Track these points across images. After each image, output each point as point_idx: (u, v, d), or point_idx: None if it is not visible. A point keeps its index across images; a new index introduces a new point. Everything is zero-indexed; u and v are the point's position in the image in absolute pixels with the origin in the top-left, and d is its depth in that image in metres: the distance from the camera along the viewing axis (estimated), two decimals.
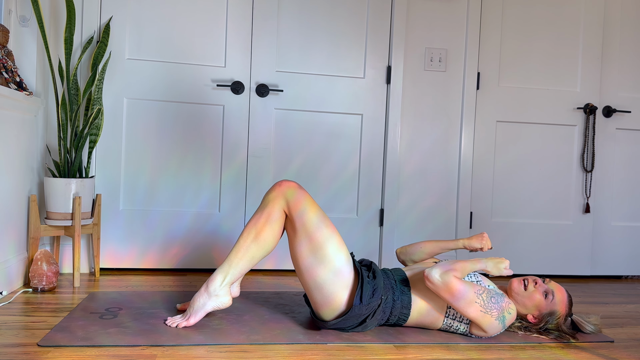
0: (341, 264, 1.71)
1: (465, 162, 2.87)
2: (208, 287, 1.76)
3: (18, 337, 1.62)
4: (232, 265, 1.76)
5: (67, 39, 2.35)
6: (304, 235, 1.71)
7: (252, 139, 2.71)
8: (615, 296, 2.58)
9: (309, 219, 1.72)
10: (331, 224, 1.74)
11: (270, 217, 1.75)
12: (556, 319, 1.79)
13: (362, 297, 1.70)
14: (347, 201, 2.81)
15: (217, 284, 1.76)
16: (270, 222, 1.75)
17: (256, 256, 1.76)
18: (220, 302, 1.77)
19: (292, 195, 1.75)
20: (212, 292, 1.76)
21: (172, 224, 2.64)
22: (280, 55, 2.72)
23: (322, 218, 1.73)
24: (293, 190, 1.75)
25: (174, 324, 1.77)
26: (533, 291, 1.80)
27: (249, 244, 1.75)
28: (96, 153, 2.57)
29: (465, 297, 1.68)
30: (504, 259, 1.86)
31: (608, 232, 3.04)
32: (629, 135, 3.06)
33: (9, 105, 2.07)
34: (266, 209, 1.76)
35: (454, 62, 2.86)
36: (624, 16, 3.03)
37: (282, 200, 1.75)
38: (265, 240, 1.76)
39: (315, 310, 1.78)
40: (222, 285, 1.76)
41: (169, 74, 2.62)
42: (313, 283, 1.72)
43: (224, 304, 1.77)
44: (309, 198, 1.75)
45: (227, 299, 1.78)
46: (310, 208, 1.73)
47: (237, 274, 1.77)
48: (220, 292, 1.76)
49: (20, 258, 2.23)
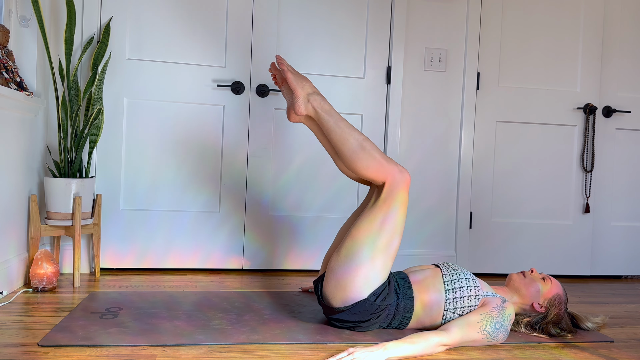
0: (386, 258, 1.73)
1: (465, 162, 2.87)
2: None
3: (18, 337, 1.62)
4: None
5: (68, 39, 2.35)
6: (386, 212, 1.73)
7: (252, 139, 2.71)
8: (615, 296, 2.58)
9: (399, 207, 1.74)
10: (402, 232, 1.79)
11: (380, 163, 1.77)
12: (558, 304, 1.80)
13: (378, 297, 1.71)
14: (347, 201, 2.81)
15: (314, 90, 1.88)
16: (374, 163, 1.77)
17: (344, 147, 1.81)
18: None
19: (405, 179, 1.75)
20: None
21: (172, 224, 2.64)
22: (281, 55, 2.72)
23: (404, 218, 1.76)
24: (408, 180, 1.77)
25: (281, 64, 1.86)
26: (532, 277, 1.86)
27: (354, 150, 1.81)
28: (96, 153, 2.57)
29: (470, 341, 1.69)
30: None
31: (608, 232, 3.04)
32: (629, 135, 3.06)
33: (9, 105, 2.07)
34: (388, 162, 1.77)
35: (454, 62, 2.86)
36: (624, 16, 3.03)
37: (398, 173, 1.75)
38: (359, 158, 1.79)
39: (328, 294, 1.76)
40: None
41: (169, 74, 2.62)
42: (352, 255, 1.72)
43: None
44: (407, 200, 1.78)
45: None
46: (405, 202, 1.76)
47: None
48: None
49: (21, 258, 2.23)
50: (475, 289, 1.78)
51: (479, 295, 1.77)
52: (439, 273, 1.84)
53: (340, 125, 1.80)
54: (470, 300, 1.76)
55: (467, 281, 1.80)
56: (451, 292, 1.78)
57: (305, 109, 1.84)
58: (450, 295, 1.77)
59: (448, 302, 1.77)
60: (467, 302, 1.76)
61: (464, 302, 1.76)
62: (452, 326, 1.67)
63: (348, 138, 1.78)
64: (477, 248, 2.91)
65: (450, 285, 1.79)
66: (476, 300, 1.76)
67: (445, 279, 1.81)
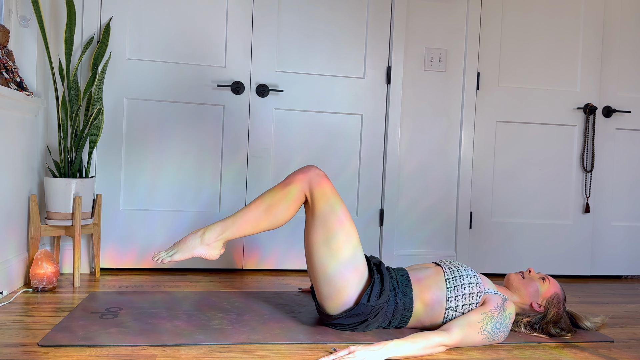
0: (353, 259, 1.71)
1: (465, 162, 2.87)
2: (204, 234, 1.74)
3: (18, 337, 1.62)
4: (236, 224, 1.74)
5: (68, 39, 2.35)
6: (322, 223, 1.70)
7: (252, 139, 2.71)
8: (615, 296, 2.58)
9: (331, 208, 1.71)
10: (351, 220, 1.73)
11: (288, 194, 1.73)
12: (557, 303, 1.80)
13: (370, 297, 1.71)
14: (347, 201, 2.81)
15: (213, 235, 1.74)
16: (287, 199, 1.73)
17: (261, 226, 1.75)
18: (210, 253, 1.75)
19: (318, 182, 1.74)
20: (206, 241, 1.74)
21: (172, 224, 2.64)
22: (281, 56, 2.72)
23: (343, 211, 1.73)
24: (321, 177, 1.74)
25: (159, 258, 1.74)
26: (531, 277, 1.86)
27: (260, 212, 1.74)
28: (96, 153, 2.57)
29: (470, 342, 1.68)
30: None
31: (608, 232, 3.04)
32: (629, 135, 3.06)
33: (9, 105, 2.07)
34: (288, 187, 1.74)
35: (454, 62, 2.86)
36: (624, 16, 3.03)
37: (306, 183, 1.74)
38: (276, 214, 1.74)
39: (321, 303, 1.78)
40: (218, 238, 1.75)
41: (169, 74, 2.62)
42: (323, 274, 1.71)
43: (213, 255, 1.76)
44: (334, 190, 1.75)
45: (217, 252, 1.76)
46: (334, 198, 1.73)
47: (236, 235, 1.75)
48: (214, 244, 1.75)
49: (21, 258, 2.23)
50: (477, 286, 1.77)
51: (480, 292, 1.77)
52: (441, 271, 1.84)
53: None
54: (472, 298, 1.76)
55: (468, 278, 1.80)
56: (453, 290, 1.77)
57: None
58: (452, 293, 1.77)
59: (450, 300, 1.77)
60: (468, 300, 1.76)
61: (465, 299, 1.76)
62: (453, 326, 1.67)
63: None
64: (477, 248, 2.91)
65: (452, 282, 1.79)
66: (478, 297, 1.76)
67: (447, 276, 1.81)
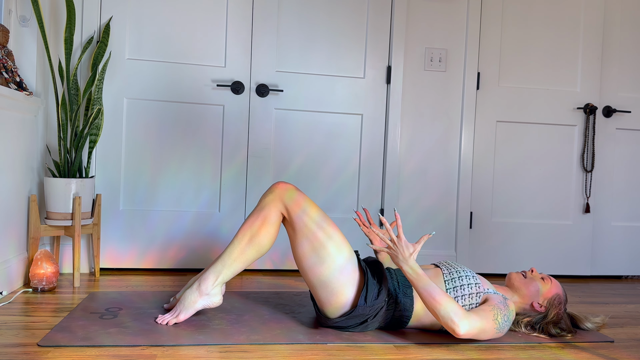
0: (344, 262, 1.72)
1: (465, 162, 2.87)
2: (200, 286, 1.77)
3: (18, 337, 1.62)
4: (226, 265, 1.77)
5: (67, 39, 2.35)
6: (305, 235, 1.72)
7: (252, 139, 2.71)
8: (615, 296, 2.58)
9: (310, 218, 1.73)
10: (332, 223, 1.75)
11: (266, 219, 1.76)
12: (558, 304, 1.80)
13: (367, 298, 1.71)
14: (347, 201, 2.81)
15: (209, 284, 1.77)
16: (267, 224, 1.76)
17: (250, 258, 1.78)
18: (211, 301, 1.79)
19: (290, 197, 1.76)
20: (204, 291, 1.77)
21: (172, 224, 2.64)
22: (281, 55, 2.72)
23: (322, 217, 1.74)
24: (291, 192, 1.76)
25: (163, 321, 1.78)
26: (532, 277, 1.86)
27: (244, 246, 1.77)
28: (96, 153, 2.57)
29: (486, 333, 1.68)
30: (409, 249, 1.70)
31: (608, 232, 3.04)
32: (629, 135, 3.06)
33: (9, 105, 2.07)
34: (263, 211, 1.77)
35: (454, 62, 2.86)
36: (624, 16, 3.03)
37: (279, 202, 1.76)
38: (260, 243, 1.77)
39: (320, 307, 1.79)
40: (214, 284, 1.77)
41: (169, 74, 2.62)
42: (317, 281, 1.72)
43: (215, 303, 1.79)
44: (307, 198, 1.77)
45: (218, 298, 1.79)
46: (309, 208, 1.74)
47: (230, 275, 1.78)
48: (212, 292, 1.78)
49: (21, 258, 2.23)
50: (477, 286, 1.77)
51: (480, 292, 1.77)
52: (440, 273, 1.84)
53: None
54: (472, 298, 1.76)
55: (467, 279, 1.80)
56: (452, 291, 1.77)
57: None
58: (451, 293, 1.77)
59: None
60: (468, 300, 1.76)
61: (465, 300, 1.76)
62: (470, 312, 1.66)
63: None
64: (477, 248, 2.91)
65: (451, 284, 1.79)
66: (477, 297, 1.76)
67: (445, 277, 1.81)
